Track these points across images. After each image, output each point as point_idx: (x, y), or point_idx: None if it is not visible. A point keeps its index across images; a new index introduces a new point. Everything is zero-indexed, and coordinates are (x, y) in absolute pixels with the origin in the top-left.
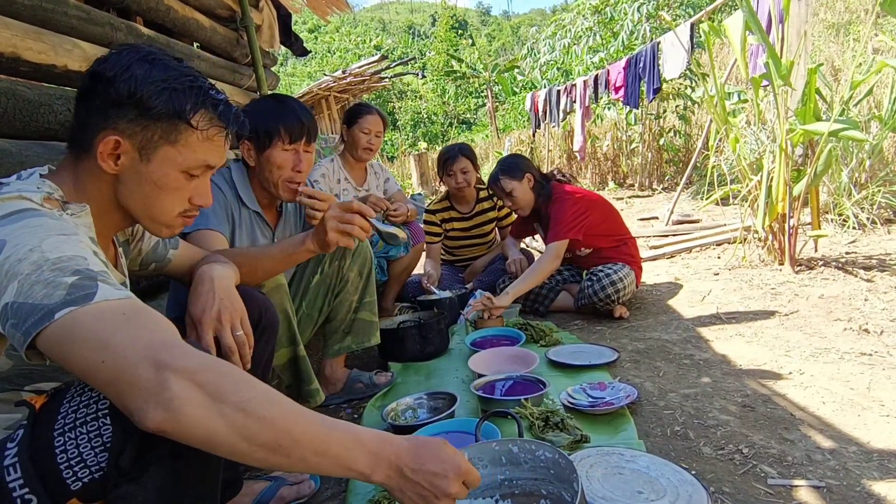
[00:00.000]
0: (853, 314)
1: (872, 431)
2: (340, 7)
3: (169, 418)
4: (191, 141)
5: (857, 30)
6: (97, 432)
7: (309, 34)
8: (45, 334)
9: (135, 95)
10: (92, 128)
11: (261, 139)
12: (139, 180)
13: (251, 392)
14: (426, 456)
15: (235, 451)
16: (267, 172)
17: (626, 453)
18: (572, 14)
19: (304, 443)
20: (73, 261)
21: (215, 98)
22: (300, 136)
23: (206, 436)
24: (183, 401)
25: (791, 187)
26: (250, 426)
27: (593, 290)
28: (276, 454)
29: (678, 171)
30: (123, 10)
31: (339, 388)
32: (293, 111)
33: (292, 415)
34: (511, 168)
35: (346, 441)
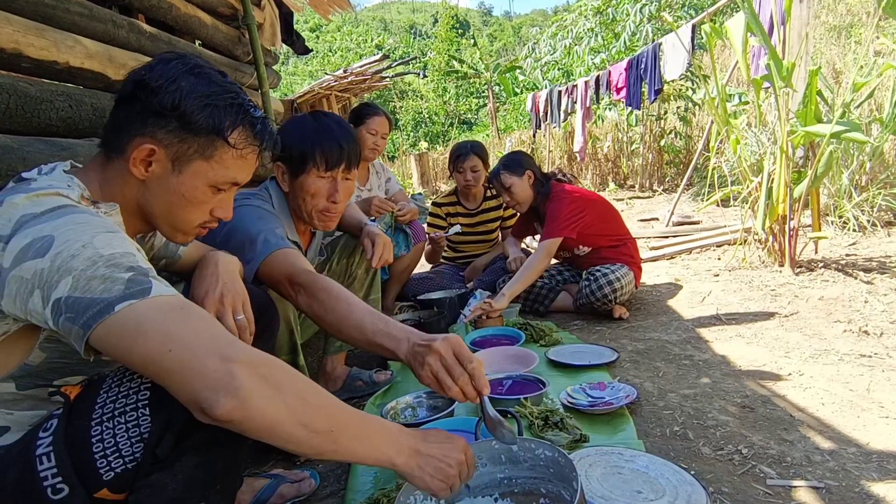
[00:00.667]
0: (853, 316)
1: (871, 433)
2: (342, 6)
3: (239, 406)
4: (225, 158)
5: (859, 32)
6: (135, 422)
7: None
8: (105, 326)
9: (178, 108)
10: (128, 133)
11: (295, 163)
12: (167, 189)
13: (304, 384)
14: (433, 436)
15: (294, 438)
16: (300, 200)
17: (626, 453)
18: (574, 15)
19: (350, 429)
20: (126, 257)
21: (254, 116)
22: (338, 162)
23: (272, 423)
24: (251, 391)
25: (792, 189)
26: (309, 414)
27: (590, 289)
28: (328, 440)
29: (679, 172)
30: (126, 7)
31: (339, 385)
32: (332, 134)
33: (337, 404)
34: (512, 164)
35: (378, 428)
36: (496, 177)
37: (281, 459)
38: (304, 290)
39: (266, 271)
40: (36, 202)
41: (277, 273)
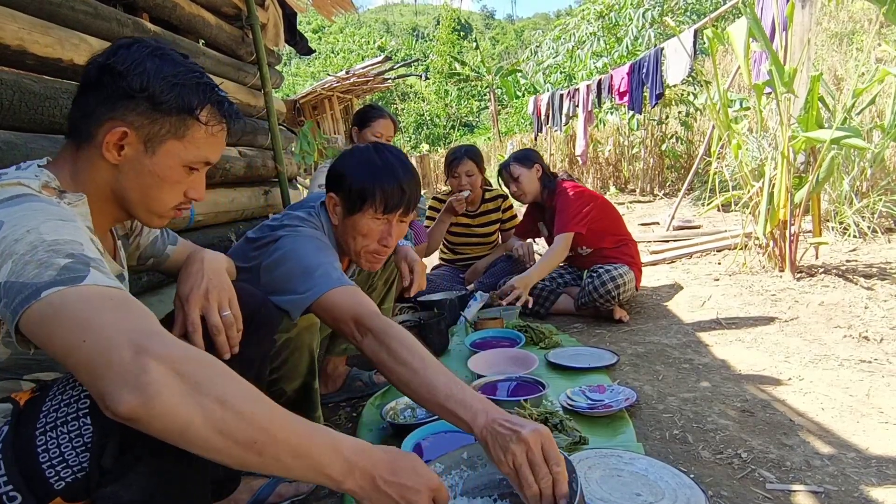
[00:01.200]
0: (853, 321)
1: (871, 438)
2: (345, 7)
3: (142, 404)
4: (197, 136)
5: (861, 39)
6: (77, 432)
7: (313, 34)
8: (31, 313)
9: (147, 89)
10: (97, 118)
11: (352, 199)
12: (141, 171)
13: (232, 387)
14: (402, 469)
15: (209, 446)
16: (349, 238)
17: (625, 455)
18: (576, 19)
19: (282, 443)
20: (69, 245)
21: (219, 95)
22: (397, 206)
23: (181, 427)
24: (160, 387)
25: (792, 194)
26: (228, 420)
27: (594, 286)
28: (251, 451)
29: (679, 176)
30: (130, 5)
31: (339, 385)
32: (395, 174)
33: (273, 414)
34: (523, 157)
35: (325, 446)
36: (506, 167)
37: None
38: (373, 334)
39: (326, 306)
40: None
41: (341, 311)
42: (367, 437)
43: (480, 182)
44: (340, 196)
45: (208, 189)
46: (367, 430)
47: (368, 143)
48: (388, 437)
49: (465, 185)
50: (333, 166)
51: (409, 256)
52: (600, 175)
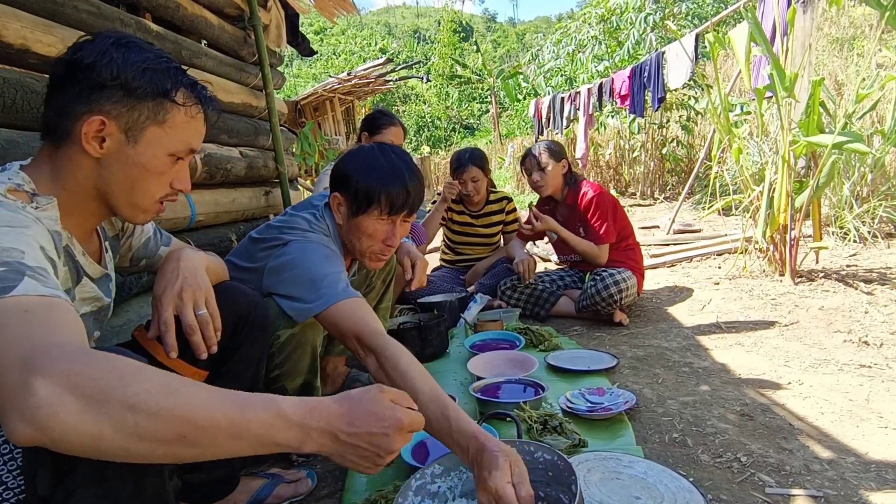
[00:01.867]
0: (853, 326)
1: (871, 443)
2: (348, 9)
3: (38, 429)
4: (177, 120)
5: (862, 45)
6: (10, 455)
7: (315, 36)
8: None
9: (118, 77)
10: (73, 114)
11: (358, 200)
12: (125, 163)
13: (141, 385)
14: (361, 417)
15: (133, 453)
16: (354, 238)
17: (624, 458)
18: (578, 22)
19: (214, 429)
20: (7, 253)
21: (190, 78)
22: (402, 208)
23: (92, 442)
24: (52, 408)
25: (793, 199)
26: (142, 423)
27: (596, 289)
28: (183, 446)
29: (680, 180)
30: (133, 5)
31: (339, 386)
32: (401, 177)
33: (195, 401)
34: (556, 149)
35: (266, 418)
36: (535, 155)
37: (278, 459)
38: (374, 354)
39: (330, 320)
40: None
41: (344, 326)
42: None
43: (485, 187)
44: (346, 197)
45: (209, 189)
46: None
47: (374, 144)
48: None
49: (471, 191)
50: (338, 166)
51: (411, 252)
52: (601, 178)
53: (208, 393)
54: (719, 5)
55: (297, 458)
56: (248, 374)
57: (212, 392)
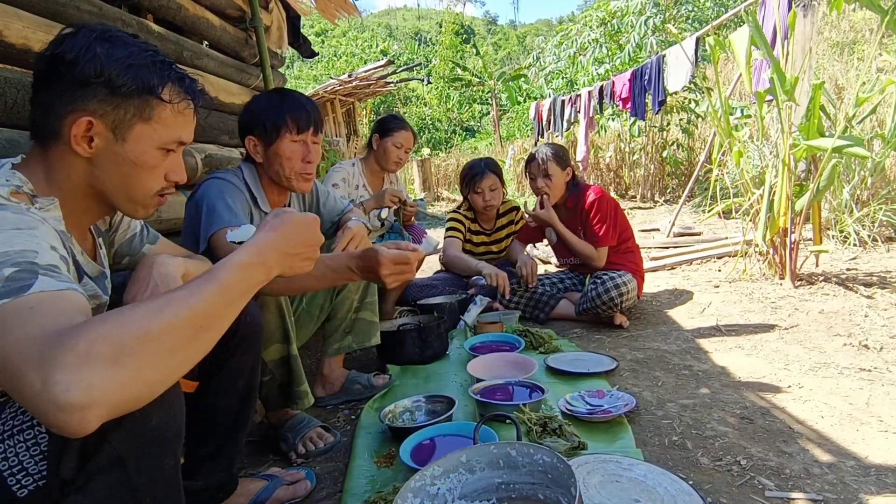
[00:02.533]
0: (853, 330)
1: (871, 446)
2: (349, 11)
3: (85, 410)
4: (164, 116)
5: (862, 49)
6: (34, 440)
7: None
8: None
9: (102, 75)
10: (59, 113)
11: (268, 133)
12: (116, 161)
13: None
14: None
15: (176, 368)
16: (277, 166)
17: (624, 461)
18: (579, 25)
19: (213, 307)
20: (20, 254)
21: (178, 72)
22: (307, 126)
23: (140, 388)
24: (83, 386)
25: (793, 202)
26: (165, 342)
27: (597, 292)
28: (203, 334)
29: (680, 183)
30: (135, 6)
31: (337, 388)
32: (298, 102)
33: (186, 299)
34: (562, 156)
35: (237, 276)
36: (541, 161)
37: (277, 460)
38: None
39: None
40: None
41: (222, 252)
42: (365, 440)
43: (501, 198)
44: (257, 134)
45: None
46: (365, 432)
47: (268, 90)
48: (387, 440)
49: (489, 200)
50: (242, 117)
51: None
52: (601, 181)
53: (185, 289)
54: (719, 9)
55: (296, 459)
56: (241, 383)
57: (188, 286)
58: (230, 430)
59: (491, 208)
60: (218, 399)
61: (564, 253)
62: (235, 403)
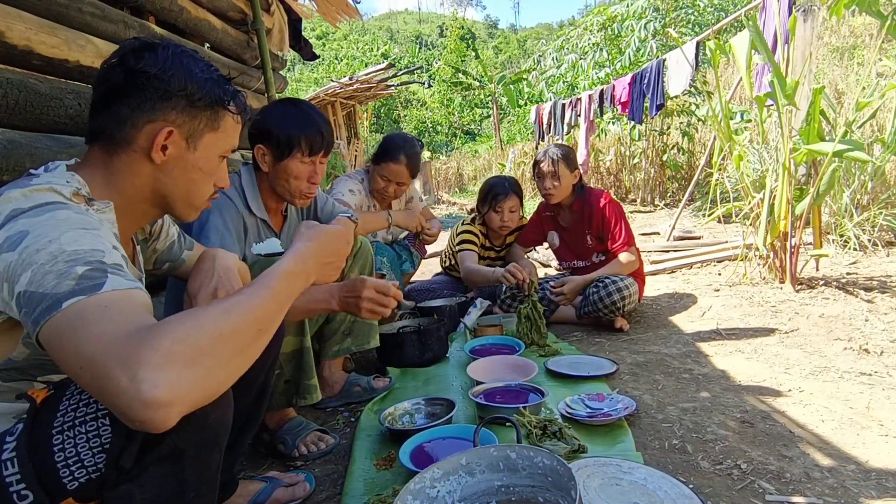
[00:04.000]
0: (853, 334)
1: (871, 451)
2: (350, 14)
3: (168, 406)
4: (228, 126)
5: (862, 54)
6: (96, 433)
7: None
8: (51, 324)
9: (185, 89)
10: (135, 122)
11: (281, 147)
12: (185, 167)
13: (212, 320)
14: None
15: (241, 367)
16: (283, 181)
17: (624, 465)
18: (579, 30)
19: (269, 312)
20: (90, 253)
21: (234, 86)
22: (320, 149)
23: (213, 385)
24: (167, 384)
25: (793, 206)
26: (234, 343)
27: (599, 296)
28: (262, 337)
29: (680, 187)
30: (137, 8)
31: (337, 390)
32: (315, 123)
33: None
34: (570, 157)
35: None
36: (553, 162)
37: (276, 462)
38: None
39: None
40: (28, 197)
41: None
42: (365, 442)
43: (518, 218)
44: (269, 147)
45: None
46: (365, 434)
47: (283, 99)
48: (387, 443)
49: (507, 222)
50: (257, 122)
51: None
52: (601, 184)
53: (245, 295)
54: (719, 14)
55: (295, 462)
56: (259, 382)
57: (246, 292)
58: (240, 430)
59: (506, 229)
60: (235, 398)
61: (566, 256)
62: (250, 403)
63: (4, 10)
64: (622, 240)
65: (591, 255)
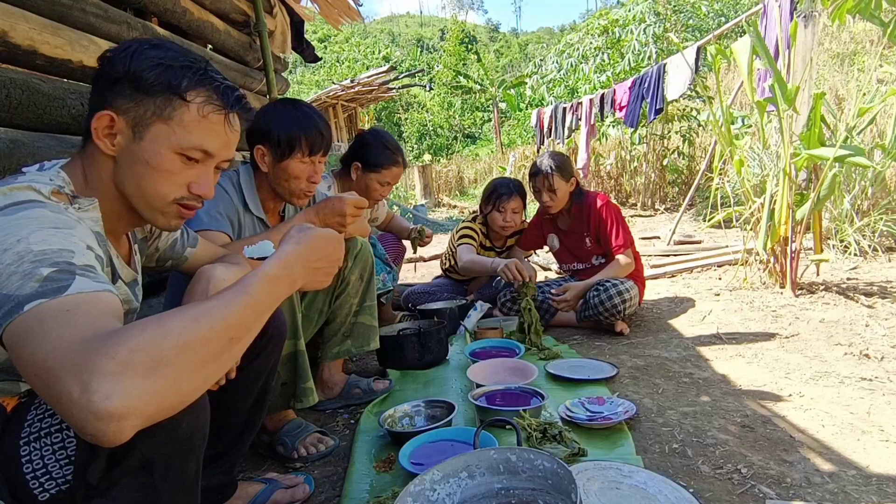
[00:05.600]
0: (854, 339)
1: (871, 456)
2: (353, 17)
3: (122, 419)
4: (185, 119)
5: (862, 60)
6: (61, 444)
7: (319, 43)
8: (13, 327)
9: (129, 71)
10: (91, 112)
11: (281, 148)
12: (132, 159)
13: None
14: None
15: (209, 377)
16: (283, 181)
17: (624, 468)
18: (580, 34)
19: (244, 319)
20: (57, 254)
21: (213, 77)
22: (320, 149)
23: (175, 397)
24: (122, 394)
25: (794, 211)
26: (201, 352)
27: (600, 299)
28: (234, 346)
29: (681, 191)
30: (140, 9)
31: (337, 392)
32: (315, 123)
33: (220, 310)
34: (565, 168)
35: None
36: (547, 175)
37: (276, 464)
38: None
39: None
40: (6, 196)
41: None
42: (364, 444)
43: (521, 220)
44: (269, 147)
45: None
46: (364, 436)
47: (282, 99)
48: (387, 445)
49: (509, 222)
50: (257, 123)
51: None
52: (602, 188)
53: (219, 300)
54: (720, 19)
55: (294, 463)
56: (259, 385)
57: (221, 297)
58: (240, 433)
59: (508, 230)
60: (235, 400)
61: (566, 259)
62: (250, 406)
63: (8, 10)
64: (620, 241)
65: (591, 257)
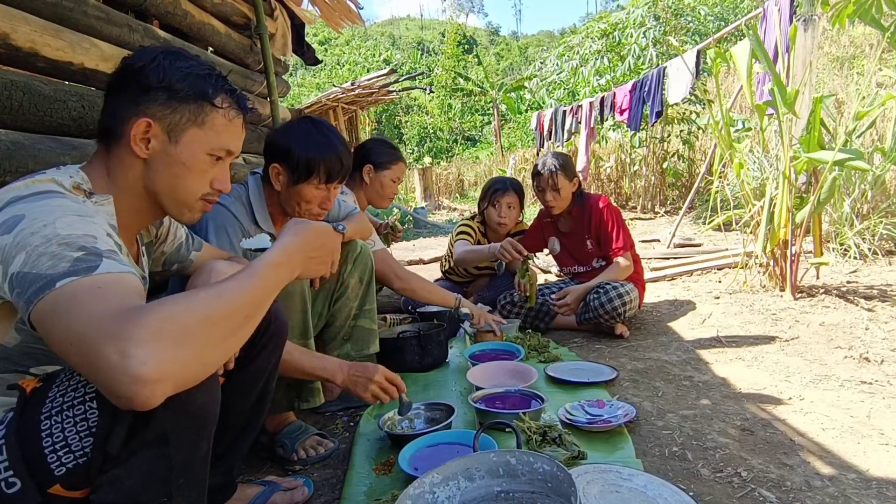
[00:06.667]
0: (854, 342)
1: (872, 459)
2: (353, 20)
3: (154, 384)
4: (216, 123)
5: (862, 64)
6: (83, 416)
7: (319, 46)
8: (44, 303)
9: (163, 81)
10: (123, 117)
11: (298, 171)
12: (168, 161)
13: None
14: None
15: (228, 350)
16: (294, 203)
17: (624, 471)
18: (580, 37)
19: (256, 298)
20: (83, 238)
21: (230, 85)
22: (337, 177)
23: (200, 367)
24: (156, 360)
25: (793, 214)
26: (223, 326)
27: (600, 302)
28: (249, 322)
29: (681, 195)
30: (141, 12)
31: (336, 395)
32: (336, 150)
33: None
34: (568, 167)
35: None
36: (551, 174)
37: (275, 466)
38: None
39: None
40: (29, 186)
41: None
42: (364, 447)
43: (516, 219)
44: (285, 167)
45: None
46: (364, 439)
47: (306, 117)
48: (386, 448)
49: (504, 217)
50: (276, 139)
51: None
52: (601, 191)
53: (234, 281)
54: (719, 22)
55: (293, 466)
56: (260, 384)
57: (235, 279)
58: (240, 432)
59: (503, 226)
60: (235, 399)
61: (566, 262)
62: (251, 405)
63: (10, 12)
64: (620, 244)
65: (592, 260)
